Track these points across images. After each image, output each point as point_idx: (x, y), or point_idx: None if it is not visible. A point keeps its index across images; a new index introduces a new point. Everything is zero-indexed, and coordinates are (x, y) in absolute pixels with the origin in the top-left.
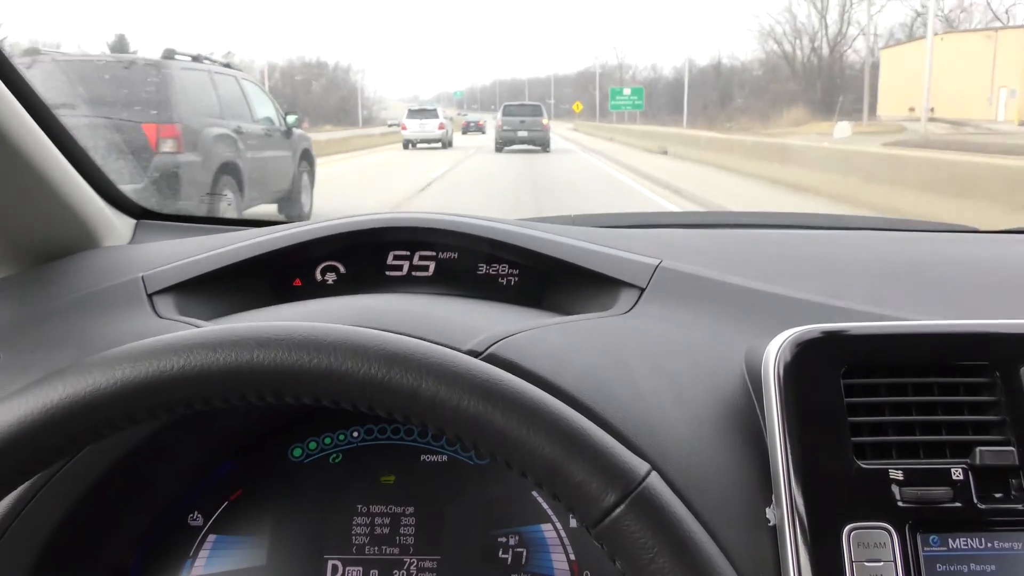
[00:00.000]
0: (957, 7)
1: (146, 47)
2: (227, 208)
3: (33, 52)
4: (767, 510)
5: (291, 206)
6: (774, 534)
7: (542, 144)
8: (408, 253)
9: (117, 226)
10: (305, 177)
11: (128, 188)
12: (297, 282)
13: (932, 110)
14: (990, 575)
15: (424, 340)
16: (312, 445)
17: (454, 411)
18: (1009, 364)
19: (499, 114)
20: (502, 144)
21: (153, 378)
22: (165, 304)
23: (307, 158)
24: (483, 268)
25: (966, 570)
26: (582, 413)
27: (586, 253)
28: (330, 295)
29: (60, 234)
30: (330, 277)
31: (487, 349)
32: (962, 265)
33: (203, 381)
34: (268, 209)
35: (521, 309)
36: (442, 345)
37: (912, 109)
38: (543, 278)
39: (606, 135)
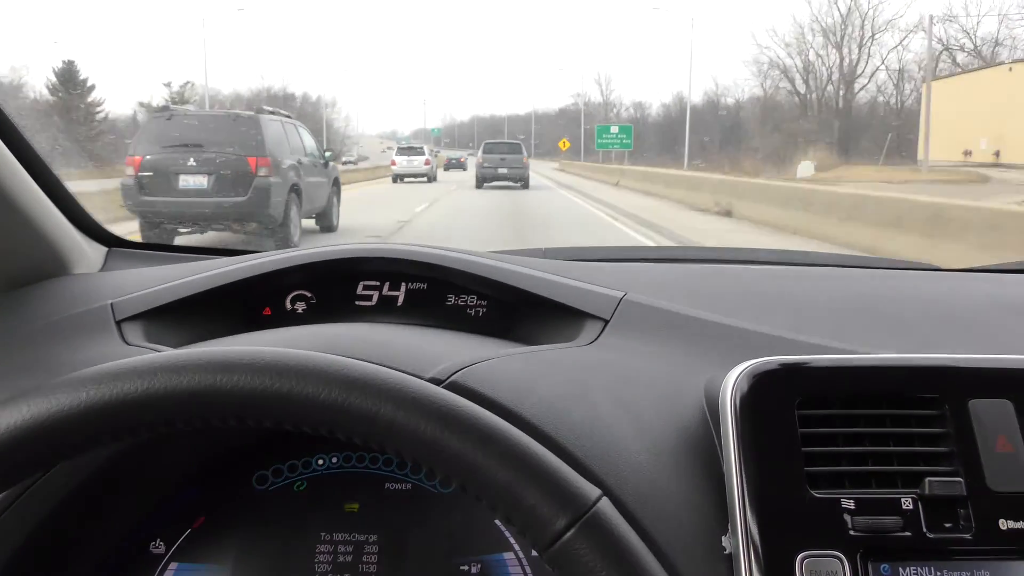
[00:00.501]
0: (990, 40)
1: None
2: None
3: (165, 110)
4: (723, 538)
5: (325, 219)
6: (730, 562)
7: (521, 180)
8: (378, 283)
9: (88, 254)
10: (334, 198)
11: (230, 200)
12: (267, 311)
13: (997, 154)
14: None
15: (386, 367)
16: (276, 473)
17: (411, 435)
18: (958, 397)
19: (480, 152)
20: (482, 180)
21: (117, 400)
22: (133, 331)
23: (336, 184)
24: (452, 299)
25: None
26: (542, 442)
27: (552, 285)
28: (300, 324)
29: (29, 260)
30: (300, 306)
31: (449, 377)
32: (920, 301)
33: (167, 404)
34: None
35: (487, 339)
36: (404, 373)
37: (968, 153)
38: (511, 309)
39: (606, 177)
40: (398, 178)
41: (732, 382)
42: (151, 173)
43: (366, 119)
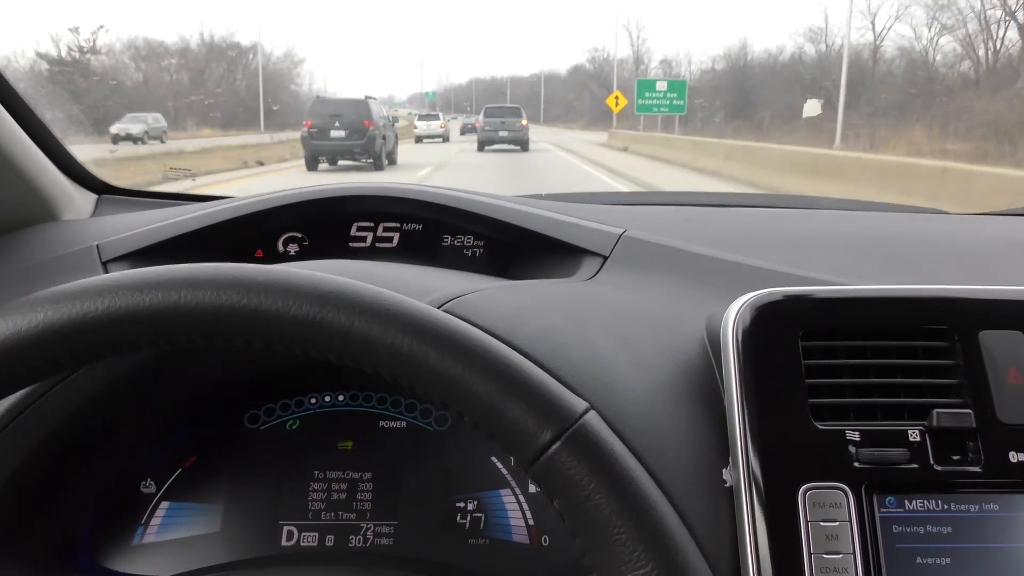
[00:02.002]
0: None
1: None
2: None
3: (318, 98)
4: (724, 471)
5: (391, 156)
6: (731, 495)
7: (521, 143)
8: (372, 224)
9: (77, 200)
10: (395, 144)
11: (356, 143)
12: (259, 253)
13: None
14: (946, 536)
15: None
16: (268, 412)
17: (388, 350)
18: (968, 329)
19: (481, 116)
20: (483, 143)
21: (76, 320)
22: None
23: (396, 136)
24: (448, 239)
25: (922, 531)
26: None
27: (550, 222)
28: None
29: (16, 207)
30: (292, 248)
31: (440, 308)
32: (929, 242)
33: (129, 323)
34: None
35: (484, 277)
36: None
37: None
38: (508, 249)
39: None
40: (419, 139)
41: (734, 314)
42: (316, 129)
43: (356, 83)
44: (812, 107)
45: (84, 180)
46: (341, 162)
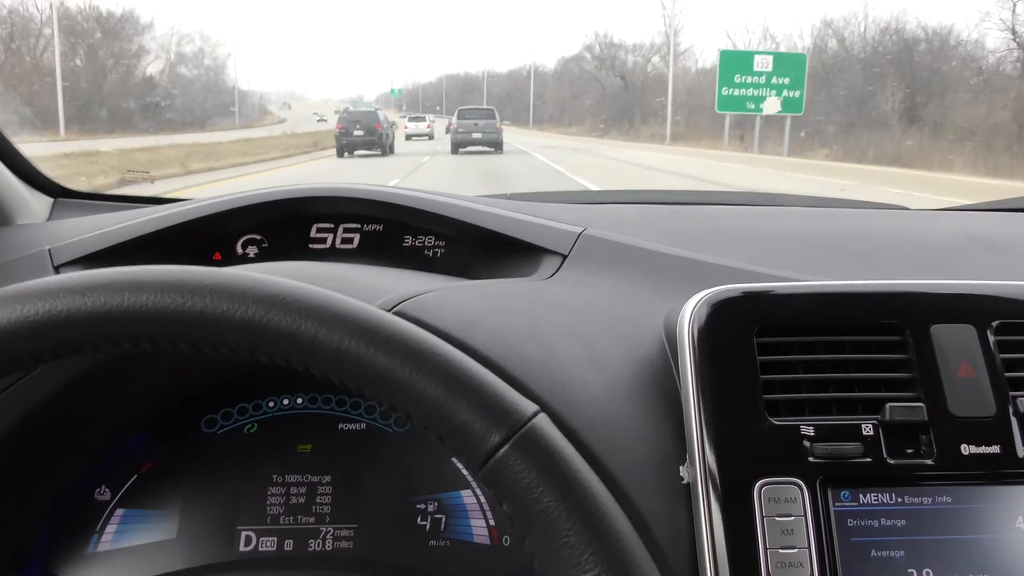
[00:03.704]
0: None
1: None
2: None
3: (346, 110)
4: (681, 468)
5: (391, 149)
6: (688, 492)
7: (495, 145)
8: (332, 226)
9: (32, 204)
10: (393, 139)
11: (369, 138)
12: (217, 256)
13: None
14: (900, 529)
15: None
16: (226, 416)
17: (335, 352)
18: (920, 323)
19: (454, 118)
20: (457, 146)
21: (16, 324)
22: None
23: (392, 133)
24: (409, 240)
25: (876, 525)
26: (493, 371)
27: (509, 222)
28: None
29: None
30: (252, 250)
31: (393, 308)
32: (886, 237)
33: (71, 326)
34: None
35: (444, 277)
36: None
37: None
38: (469, 249)
39: None
40: (409, 137)
41: (690, 311)
42: (344, 130)
43: (324, 83)
44: (771, 104)
45: (39, 183)
46: (358, 152)
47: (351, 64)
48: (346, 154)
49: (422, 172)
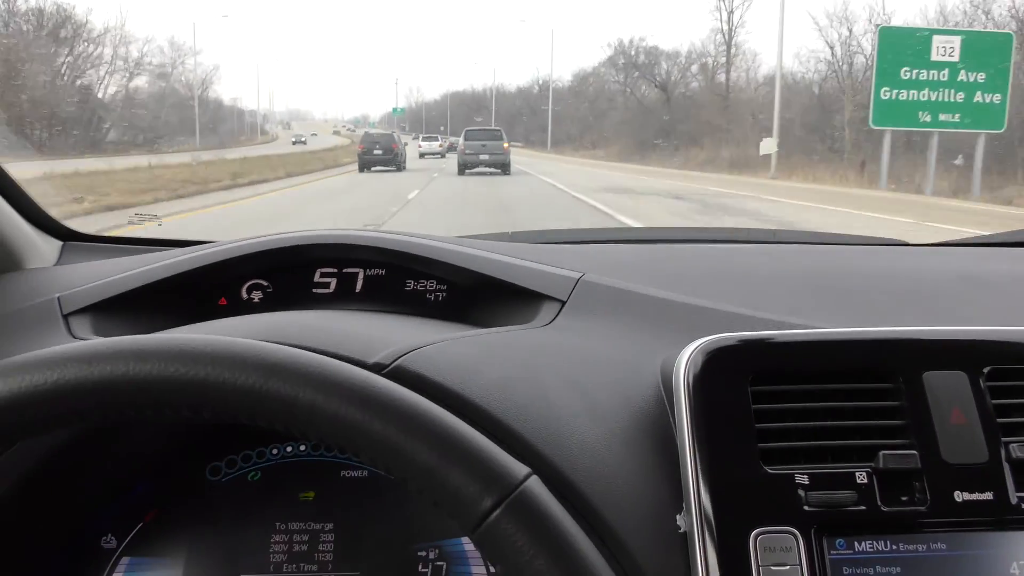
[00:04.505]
0: None
1: None
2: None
3: (367, 133)
4: (678, 517)
5: (402, 166)
6: (685, 541)
7: (502, 167)
8: (335, 270)
9: (41, 248)
10: (406, 157)
11: (387, 156)
12: (223, 301)
13: None
14: None
15: (327, 354)
16: (230, 464)
17: (332, 420)
18: (912, 370)
19: (461, 139)
20: (463, 167)
21: (25, 394)
22: (81, 325)
23: (404, 151)
24: (411, 284)
25: (872, 572)
26: (488, 424)
27: (509, 267)
28: (256, 314)
29: None
30: (256, 296)
31: (394, 361)
32: (882, 277)
33: (78, 396)
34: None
35: (445, 324)
36: (347, 358)
37: None
38: (470, 294)
39: None
40: (422, 155)
41: (685, 359)
42: (366, 150)
43: (329, 102)
44: (768, 145)
45: (48, 227)
46: (375, 167)
47: (356, 84)
48: (366, 170)
49: (434, 186)
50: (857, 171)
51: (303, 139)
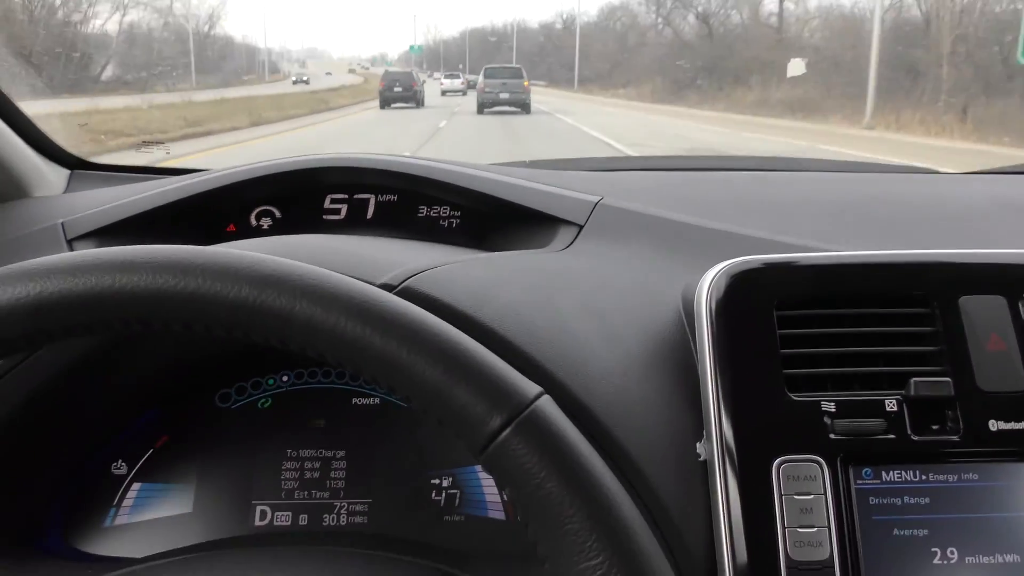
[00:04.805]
0: None
1: None
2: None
3: (387, 72)
4: (698, 445)
5: (422, 102)
6: (705, 469)
7: (523, 106)
8: (346, 196)
9: (49, 177)
10: (424, 94)
11: (407, 93)
12: (231, 227)
13: None
14: (924, 507)
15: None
16: (240, 391)
17: (331, 334)
18: (947, 294)
19: (480, 77)
20: (482, 106)
21: (5, 307)
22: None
23: (423, 90)
24: (424, 210)
25: (899, 503)
26: (499, 347)
27: (525, 192)
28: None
29: None
30: (265, 222)
31: (402, 283)
32: (914, 204)
33: (62, 309)
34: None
35: (458, 249)
36: (354, 278)
37: None
38: (485, 219)
39: None
40: (444, 92)
41: (708, 284)
42: (386, 87)
43: (347, 40)
44: (796, 66)
45: (56, 155)
46: (395, 104)
47: (374, 20)
48: (388, 106)
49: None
50: (957, 118)
51: (305, 78)
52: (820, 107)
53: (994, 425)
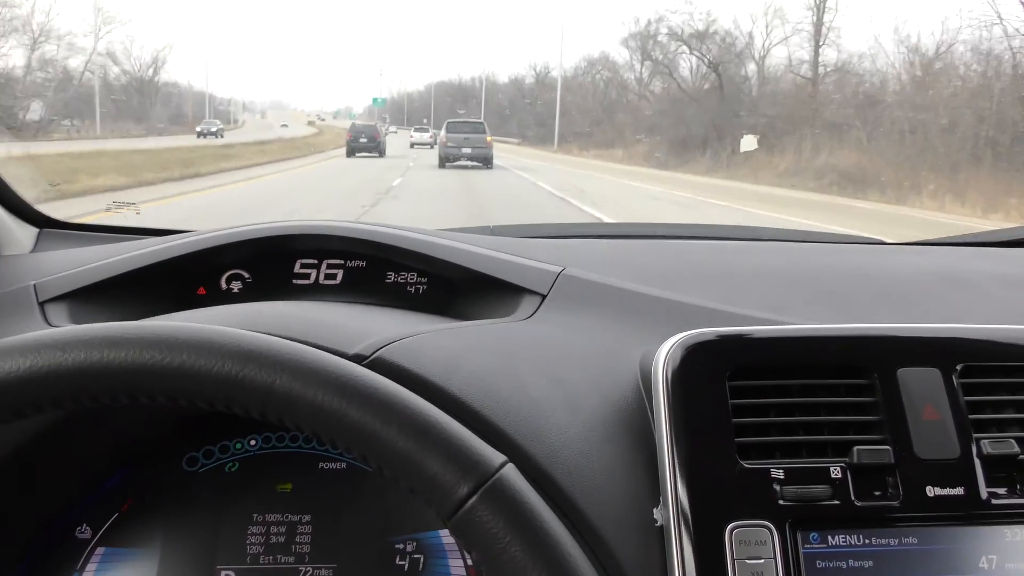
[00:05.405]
0: None
1: None
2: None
3: (353, 125)
4: (655, 511)
5: (382, 152)
6: (662, 534)
7: (484, 160)
8: (316, 261)
9: (17, 235)
10: (386, 144)
11: (371, 144)
12: (201, 291)
13: None
14: (867, 571)
15: (306, 343)
16: (207, 454)
17: (309, 407)
18: (887, 366)
19: (443, 131)
20: (445, 160)
21: None
22: (58, 313)
23: (384, 140)
24: (392, 276)
25: (845, 566)
26: (467, 416)
27: (490, 261)
28: (235, 303)
29: None
30: (236, 285)
31: (374, 353)
32: (860, 275)
33: (52, 382)
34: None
35: (425, 316)
36: (327, 349)
37: None
38: (451, 287)
39: None
40: (413, 145)
41: (664, 354)
42: (353, 137)
43: (304, 93)
44: (748, 143)
45: (24, 213)
46: (359, 153)
47: (339, 75)
48: (353, 155)
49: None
50: None
51: (214, 129)
52: (890, 182)
53: (931, 491)
